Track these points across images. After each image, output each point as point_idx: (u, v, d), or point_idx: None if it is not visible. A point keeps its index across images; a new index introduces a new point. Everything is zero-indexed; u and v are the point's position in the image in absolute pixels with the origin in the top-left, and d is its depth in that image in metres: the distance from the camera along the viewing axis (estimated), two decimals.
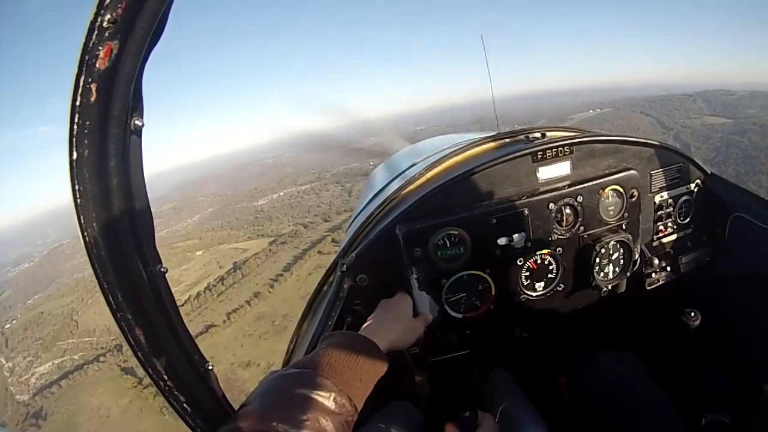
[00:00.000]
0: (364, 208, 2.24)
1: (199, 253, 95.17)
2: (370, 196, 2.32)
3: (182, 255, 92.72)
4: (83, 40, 0.60)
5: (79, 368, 61.21)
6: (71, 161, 0.65)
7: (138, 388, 51.72)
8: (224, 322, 61.99)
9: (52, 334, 76.30)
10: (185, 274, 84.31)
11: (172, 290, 0.85)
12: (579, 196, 1.63)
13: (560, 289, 1.75)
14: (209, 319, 63.74)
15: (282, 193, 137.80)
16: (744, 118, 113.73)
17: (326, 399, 0.88)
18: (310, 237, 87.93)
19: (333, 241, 68.21)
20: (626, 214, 1.72)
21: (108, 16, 0.59)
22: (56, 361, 68.74)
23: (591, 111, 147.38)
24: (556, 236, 1.66)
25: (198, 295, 73.75)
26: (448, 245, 1.57)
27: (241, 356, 51.43)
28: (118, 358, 61.08)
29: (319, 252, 74.16)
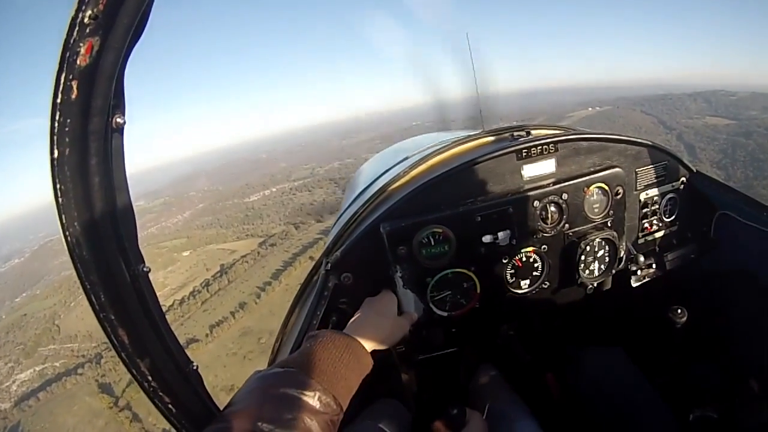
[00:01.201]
0: (349, 206, 2.20)
1: (185, 253, 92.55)
2: (355, 194, 2.27)
3: (168, 256, 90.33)
4: (64, 36, 0.59)
5: (57, 380, 59.52)
6: (52, 160, 0.64)
7: (114, 409, 49.54)
8: (207, 336, 59.66)
9: (34, 339, 75.66)
10: (170, 276, 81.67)
11: (156, 293, 0.85)
12: (564, 194, 1.63)
13: (546, 286, 1.74)
14: (191, 332, 61.14)
15: (274, 189, 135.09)
16: (747, 120, 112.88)
17: (311, 398, 0.88)
18: (301, 239, 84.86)
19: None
20: (611, 211, 1.72)
21: (89, 12, 0.58)
22: (37, 368, 67.54)
23: (590, 109, 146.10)
24: (541, 234, 1.66)
25: (182, 301, 71.23)
26: (433, 243, 1.56)
27: (224, 379, 49.24)
28: (96, 372, 59.23)
29: (311, 258, 71.25)
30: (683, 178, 1.90)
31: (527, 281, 1.72)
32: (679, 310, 1.61)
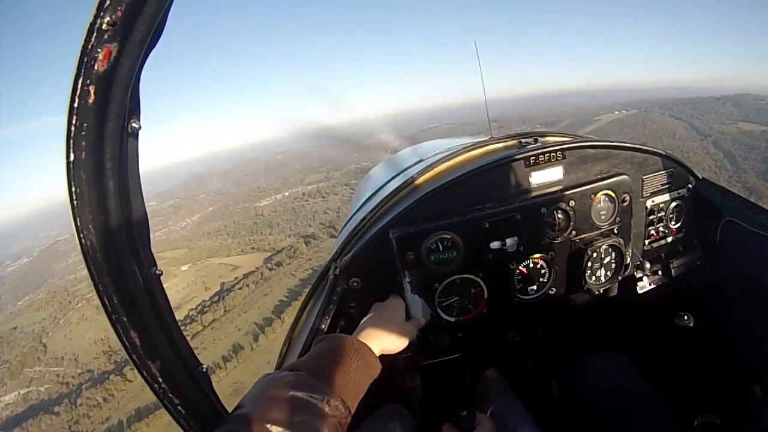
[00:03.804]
0: (357, 211, 2.21)
1: (184, 268, 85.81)
2: (364, 199, 2.29)
3: (165, 270, 79.89)
4: (82, 41, 0.60)
5: (35, 414, 54.66)
6: (68, 163, 0.65)
7: None
8: None
9: (20, 359, 72.34)
10: None
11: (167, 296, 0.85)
12: (571, 201, 1.64)
13: (552, 292, 1.75)
14: None
15: (287, 194, 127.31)
16: None
17: (320, 401, 0.88)
18: (311, 260, 75.24)
19: None
20: (618, 218, 1.73)
21: (107, 18, 0.59)
22: (22, 392, 64.80)
23: (616, 112, 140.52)
24: (548, 240, 1.67)
25: None
26: (441, 249, 1.57)
27: None
28: (70, 415, 53.03)
29: None
30: (689, 185, 1.90)
31: (534, 287, 1.72)
32: (686, 317, 1.61)
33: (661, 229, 1.91)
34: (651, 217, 1.88)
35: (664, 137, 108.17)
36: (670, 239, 1.95)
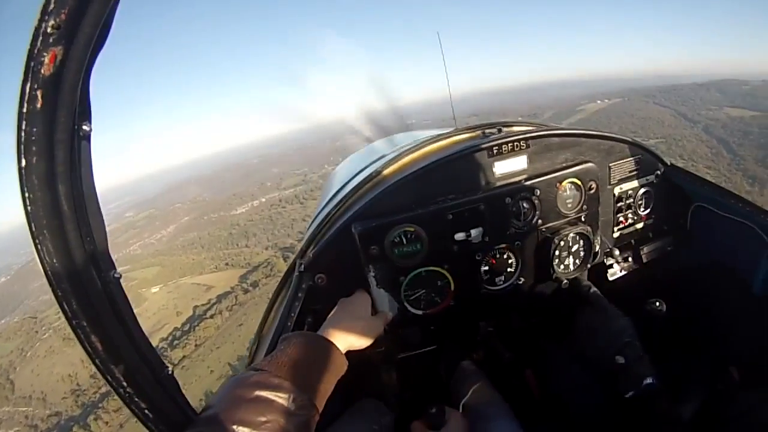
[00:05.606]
0: (323, 207, 2.22)
1: (155, 290, 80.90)
2: (330, 195, 2.29)
3: (135, 293, 78.05)
4: (28, 46, 0.59)
5: None
6: (20, 169, 0.64)
7: None
8: None
9: None
10: None
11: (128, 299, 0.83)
12: (536, 190, 1.65)
13: (521, 282, 1.76)
14: None
15: (263, 200, 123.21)
16: None
17: (285, 400, 0.89)
18: None
19: None
20: (585, 206, 1.74)
21: (52, 21, 0.59)
22: None
23: (599, 102, 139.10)
24: (514, 230, 1.68)
25: None
26: (405, 242, 1.57)
27: None
28: None
29: None
30: (658, 172, 1.91)
31: (501, 278, 1.72)
32: (657, 303, 1.62)
33: (630, 215, 1.91)
34: (619, 204, 1.88)
35: (653, 125, 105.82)
36: (639, 226, 1.96)
